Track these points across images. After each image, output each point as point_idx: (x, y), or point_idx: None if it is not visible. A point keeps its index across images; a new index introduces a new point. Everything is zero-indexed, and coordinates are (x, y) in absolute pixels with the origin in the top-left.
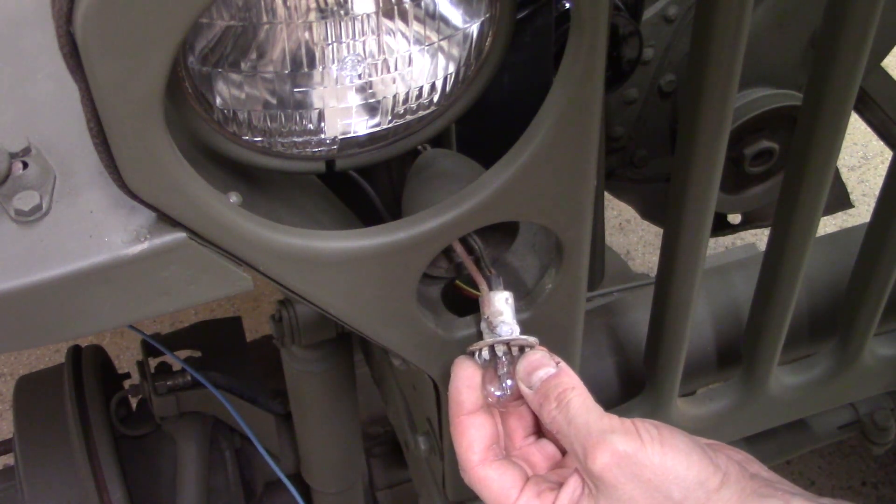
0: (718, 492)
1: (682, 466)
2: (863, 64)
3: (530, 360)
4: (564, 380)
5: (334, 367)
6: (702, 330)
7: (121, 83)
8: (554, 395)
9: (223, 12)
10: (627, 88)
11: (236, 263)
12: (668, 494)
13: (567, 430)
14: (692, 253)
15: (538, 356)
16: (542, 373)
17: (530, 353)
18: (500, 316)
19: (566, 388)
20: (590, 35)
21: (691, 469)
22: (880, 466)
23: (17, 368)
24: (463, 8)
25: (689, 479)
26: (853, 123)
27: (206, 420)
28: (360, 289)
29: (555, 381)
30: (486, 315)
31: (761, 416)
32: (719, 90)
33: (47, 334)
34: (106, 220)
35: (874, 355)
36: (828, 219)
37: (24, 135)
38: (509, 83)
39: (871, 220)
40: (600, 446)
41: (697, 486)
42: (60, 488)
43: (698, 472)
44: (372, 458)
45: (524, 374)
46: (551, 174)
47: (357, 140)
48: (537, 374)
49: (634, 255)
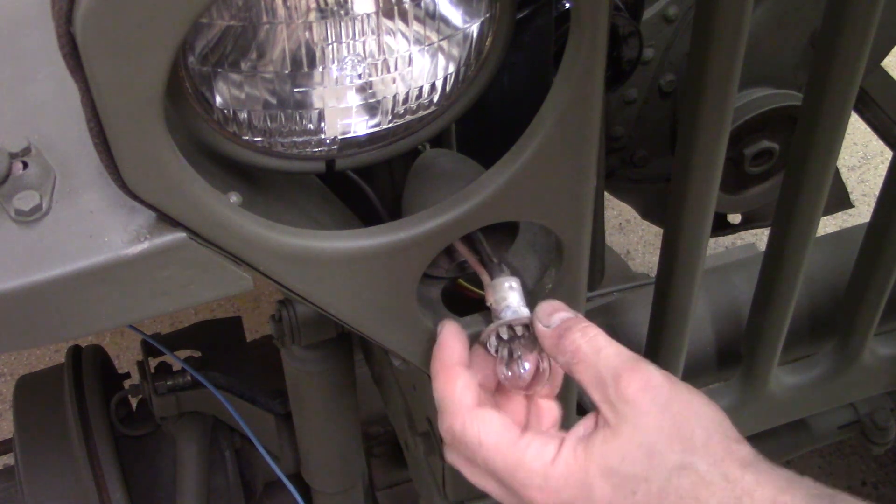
0: (739, 443)
1: (708, 408)
2: (863, 64)
3: (552, 304)
4: (586, 322)
5: (334, 367)
6: (702, 330)
7: (121, 83)
8: (578, 327)
9: (223, 12)
10: (627, 88)
11: (236, 263)
12: (691, 434)
13: (595, 357)
14: (692, 253)
15: (558, 303)
16: (564, 314)
17: (549, 300)
18: (503, 302)
19: (589, 325)
20: (590, 35)
21: (717, 413)
22: (880, 466)
23: (17, 368)
24: (463, 8)
25: (713, 421)
26: (853, 123)
27: (206, 420)
28: (360, 289)
29: (577, 320)
30: (490, 304)
31: (761, 416)
32: (719, 90)
33: (47, 334)
34: (106, 220)
35: (874, 355)
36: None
37: (24, 135)
38: (509, 83)
39: (871, 220)
40: (636, 372)
41: (719, 431)
42: (60, 488)
43: (722, 419)
44: (372, 458)
45: (543, 315)
46: (551, 174)
47: (357, 140)
48: (558, 314)
49: (634, 255)
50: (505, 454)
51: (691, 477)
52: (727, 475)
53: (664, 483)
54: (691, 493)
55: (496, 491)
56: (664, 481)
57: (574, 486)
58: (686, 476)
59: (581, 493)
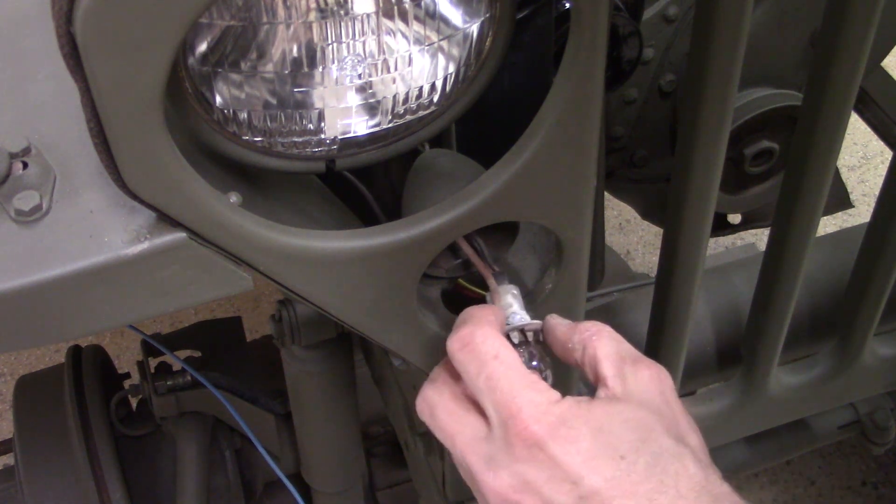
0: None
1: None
2: (863, 64)
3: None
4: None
5: (334, 367)
6: (702, 330)
7: (121, 83)
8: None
9: (223, 12)
10: (627, 88)
11: (236, 263)
12: (686, 434)
13: (617, 338)
14: (692, 253)
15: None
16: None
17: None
18: (510, 308)
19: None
20: (590, 35)
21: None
22: (880, 466)
23: (17, 368)
24: (463, 8)
25: (703, 441)
26: (853, 123)
27: (206, 420)
28: (360, 289)
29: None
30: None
31: (761, 416)
32: (719, 90)
33: (47, 334)
34: (106, 220)
35: (874, 355)
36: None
37: (24, 135)
38: (509, 83)
39: (871, 220)
40: (654, 364)
41: (706, 453)
42: (60, 488)
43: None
44: (372, 458)
45: (555, 317)
46: (551, 174)
47: (357, 140)
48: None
49: (634, 255)
50: (515, 376)
51: (676, 466)
52: (709, 477)
53: (652, 460)
54: (674, 480)
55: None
56: (653, 458)
57: (567, 426)
58: (674, 463)
59: (571, 435)
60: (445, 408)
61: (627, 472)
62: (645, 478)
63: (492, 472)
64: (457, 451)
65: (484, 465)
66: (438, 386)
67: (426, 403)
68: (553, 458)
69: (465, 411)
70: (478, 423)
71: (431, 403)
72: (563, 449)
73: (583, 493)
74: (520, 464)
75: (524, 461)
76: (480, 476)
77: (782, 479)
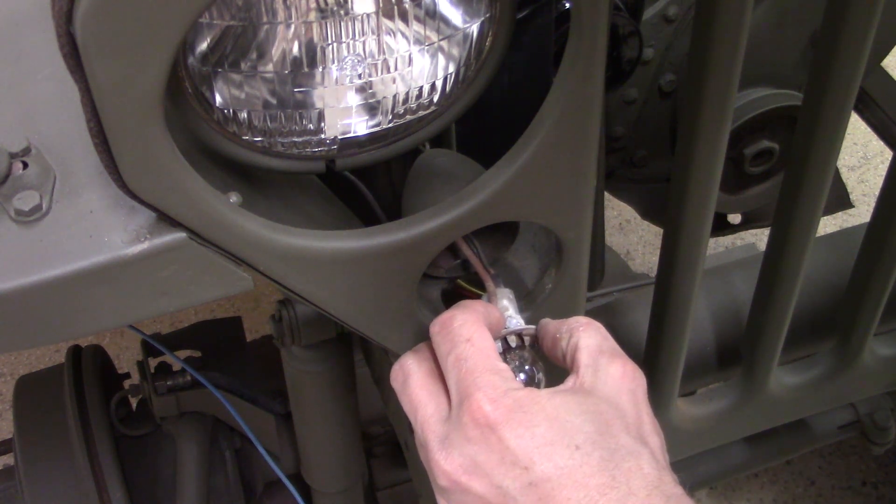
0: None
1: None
2: (863, 64)
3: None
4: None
5: (334, 367)
6: (702, 330)
7: (121, 83)
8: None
9: (223, 12)
10: (627, 88)
11: (236, 263)
12: (648, 436)
13: (602, 333)
14: (692, 253)
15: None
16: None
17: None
18: (506, 311)
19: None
20: (590, 35)
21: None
22: (880, 466)
23: (17, 368)
24: (463, 8)
25: (663, 446)
26: (853, 123)
27: (206, 420)
28: (360, 289)
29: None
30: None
31: (761, 416)
32: (719, 90)
33: (47, 334)
34: (106, 220)
35: (874, 355)
36: (828, 219)
37: (24, 135)
38: (509, 83)
39: (871, 220)
40: (629, 364)
41: (665, 456)
42: (60, 488)
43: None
44: (372, 458)
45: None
46: (551, 174)
47: (357, 140)
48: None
49: (634, 255)
50: (481, 360)
51: (630, 463)
52: (664, 478)
53: (607, 455)
54: (627, 477)
55: (430, 404)
56: (609, 453)
57: (523, 411)
58: (629, 461)
59: (526, 420)
60: (419, 380)
61: (581, 463)
62: (597, 471)
63: (444, 451)
64: (418, 426)
65: (438, 444)
66: (419, 358)
67: (402, 371)
68: (505, 441)
69: (435, 388)
70: (443, 402)
71: (407, 372)
72: (515, 433)
73: (533, 479)
74: (471, 445)
75: (476, 442)
76: (433, 455)
77: (782, 479)
